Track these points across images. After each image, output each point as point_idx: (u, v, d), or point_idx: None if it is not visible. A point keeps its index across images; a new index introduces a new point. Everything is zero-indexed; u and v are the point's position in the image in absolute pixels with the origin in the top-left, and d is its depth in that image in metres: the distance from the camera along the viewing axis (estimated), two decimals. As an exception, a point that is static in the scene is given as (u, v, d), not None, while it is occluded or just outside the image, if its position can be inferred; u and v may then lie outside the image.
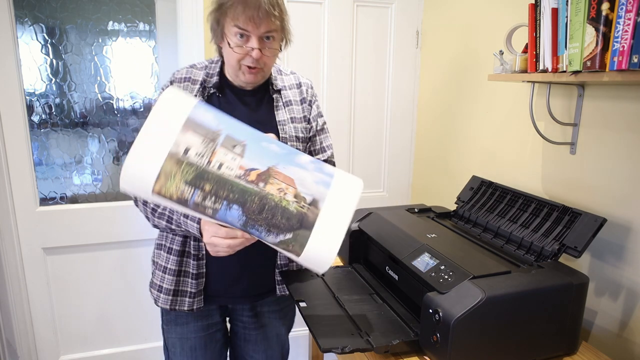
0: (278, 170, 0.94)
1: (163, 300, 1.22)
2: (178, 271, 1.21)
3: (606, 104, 1.22)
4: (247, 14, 1.05)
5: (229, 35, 1.09)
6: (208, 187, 0.90)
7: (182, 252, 1.20)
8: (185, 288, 1.22)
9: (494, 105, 1.66)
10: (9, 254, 1.86)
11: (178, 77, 1.19)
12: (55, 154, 1.90)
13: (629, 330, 1.18)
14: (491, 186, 1.44)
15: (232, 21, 1.07)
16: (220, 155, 0.92)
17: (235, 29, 1.07)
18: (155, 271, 1.25)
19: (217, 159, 0.92)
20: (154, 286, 1.25)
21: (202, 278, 1.22)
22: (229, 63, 1.15)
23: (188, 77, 1.19)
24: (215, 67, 1.20)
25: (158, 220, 1.12)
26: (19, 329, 1.93)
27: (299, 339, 2.23)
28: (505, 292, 0.97)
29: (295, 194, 0.94)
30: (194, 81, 1.18)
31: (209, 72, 1.20)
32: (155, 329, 2.12)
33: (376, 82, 2.13)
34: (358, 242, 1.47)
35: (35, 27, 1.78)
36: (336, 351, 1.00)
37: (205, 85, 1.19)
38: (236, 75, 1.16)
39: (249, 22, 1.06)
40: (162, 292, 1.22)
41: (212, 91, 1.19)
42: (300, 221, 0.93)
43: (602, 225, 1.09)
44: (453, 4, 1.87)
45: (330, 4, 1.97)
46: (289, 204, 0.93)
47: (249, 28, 1.07)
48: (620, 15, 0.93)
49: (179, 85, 1.17)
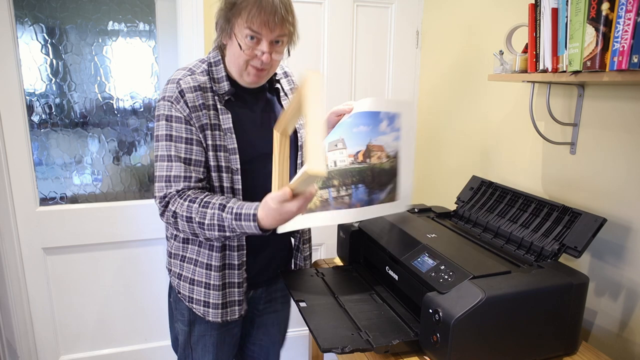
0: (372, 144, 1.19)
1: (213, 315, 1.22)
2: (222, 285, 1.21)
3: (606, 104, 1.22)
4: (262, 18, 1.04)
5: (240, 36, 1.07)
6: (336, 182, 1.14)
7: (223, 266, 1.20)
8: (233, 298, 1.23)
9: (494, 105, 1.66)
10: (9, 254, 1.86)
11: (186, 87, 1.11)
12: (55, 154, 1.90)
13: (629, 330, 1.18)
14: (491, 186, 1.44)
15: (246, 23, 1.05)
16: (331, 156, 1.15)
17: (247, 30, 1.06)
18: (193, 287, 1.22)
19: (330, 159, 1.15)
20: (197, 302, 1.22)
21: (245, 283, 1.24)
22: (234, 62, 1.13)
23: (197, 85, 1.13)
24: (219, 70, 1.16)
25: (210, 232, 1.06)
26: (19, 329, 1.93)
27: (299, 339, 2.23)
28: (505, 292, 0.97)
29: (387, 155, 1.21)
30: (205, 89, 1.14)
31: (213, 76, 1.16)
32: (155, 329, 2.12)
33: (376, 82, 2.12)
34: (358, 242, 1.47)
35: (35, 27, 1.78)
36: (336, 351, 1.00)
37: (218, 92, 1.15)
38: (240, 75, 1.15)
39: (264, 26, 1.05)
40: (211, 307, 1.21)
41: (227, 97, 1.16)
42: (393, 172, 1.22)
43: (602, 225, 1.09)
44: (453, 4, 1.87)
45: (330, 4, 1.97)
46: (385, 164, 1.20)
47: (263, 32, 1.06)
48: (620, 15, 0.93)
49: (192, 95, 1.11)
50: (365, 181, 1.17)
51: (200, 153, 1.12)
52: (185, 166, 1.10)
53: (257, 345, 1.44)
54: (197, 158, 1.12)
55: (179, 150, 1.10)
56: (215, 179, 1.15)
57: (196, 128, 1.11)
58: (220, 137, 1.14)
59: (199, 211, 1.05)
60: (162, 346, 2.14)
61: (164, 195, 1.10)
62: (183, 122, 1.10)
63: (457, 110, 1.89)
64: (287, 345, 1.57)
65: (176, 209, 1.08)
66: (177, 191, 1.09)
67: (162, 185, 1.10)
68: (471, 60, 1.77)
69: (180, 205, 1.07)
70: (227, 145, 1.15)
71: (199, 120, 1.12)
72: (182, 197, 1.08)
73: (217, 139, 1.14)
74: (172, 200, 1.09)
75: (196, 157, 1.12)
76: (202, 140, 1.12)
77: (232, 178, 1.16)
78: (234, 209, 1.02)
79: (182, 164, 1.10)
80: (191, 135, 1.11)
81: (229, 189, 1.16)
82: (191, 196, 1.08)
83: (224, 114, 1.15)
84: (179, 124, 1.10)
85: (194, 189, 1.11)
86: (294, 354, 2.23)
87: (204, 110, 1.12)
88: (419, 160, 2.22)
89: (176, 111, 1.10)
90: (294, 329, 2.21)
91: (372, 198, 1.18)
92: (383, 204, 1.21)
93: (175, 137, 1.10)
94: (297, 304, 1.21)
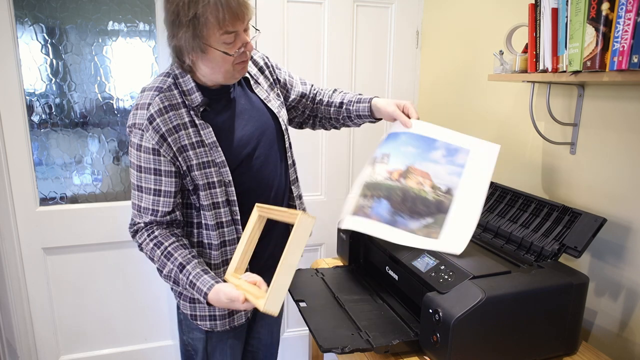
0: (415, 167, 1.15)
1: (221, 325, 1.21)
2: None
3: (606, 104, 1.22)
4: (232, 14, 0.98)
5: (216, 44, 1.02)
6: (369, 193, 1.16)
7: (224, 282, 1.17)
8: None
9: (494, 105, 1.66)
10: (9, 254, 1.86)
11: (156, 111, 1.06)
12: (55, 154, 1.90)
13: (629, 330, 1.18)
14: (491, 186, 1.44)
15: (219, 29, 0.99)
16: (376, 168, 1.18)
17: (225, 36, 1.00)
18: (194, 305, 1.20)
19: (375, 172, 1.18)
20: (203, 318, 1.20)
21: None
22: (220, 70, 1.07)
23: (167, 105, 1.07)
24: (187, 81, 1.10)
25: (166, 280, 1.12)
26: (19, 329, 1.93)
27: (299, 339, 2.23)
28: (505, 292, 0.97)
29: (432, 185, 1.14)
30: (175, 106, 1.08)
31: (182, 89, 1.10)
32: (155, 329, 2.12)
33: (376, 82, 2.12)
34: (358, 242, 1.47)
35: (35, 27, 1.78)
36: (336, 351, 1.00)
37: (191, 105, 1.09)
38: (231, 77, 1.10)
39: (237, 20, 1.00)
40: (218, 320, 1.20)
41: (202, 109, 1.11)
42: (438, 207, 1.12)
43: (602, 225, 1.09)
44: (453, 4, 1.87)
45: (330, 4, 1.97)
46: (427, 193, 1.13)
47: (237, 26, 1.01)
48: (620, 15, 0.93)
49: (164, 118, 1.06)
50: (392, 199, 1.14)
51: (170, 183, 1.09)
52: (154, 197, 1.09)
53: (256, 339, 1.44)
54: (166, 189, 1.09)
55: (148, 181, 1.09)
56: (205, 197, 1.11)
57: (168, 156, 1.07)
58: (206, 153, 1.10)
59: (160, 259, 1.09)
60: (162, 346, 2.13)
61: (133, 222, 1.14)
62: (151, 152, 1.07)
63: (457, 110, 1.89)
64: (287, 345, 1.57)
65: (142, 243, 1.12)
66: (145, 224, 1.12)
67: (135, 213, 1.13)
68: (471, 60, 1.77)
69: (146, 244, 1.11)
70: (215, 159, 1.11)
71: (176, 143, 1.07)
72: (149, 232, 1.11)
73: (203, 156, 1.10)
74: (139, 232, 1.13)
75: (165, 188, 1.09)
76: (180, 165, 1.09)
77: (226, 191, 1.13)
78: (191, 275, 1.06)
79: (151, 195, 1.09)
80: (159, 166, 1.08)
81: (225, 202, 1.13)
82: (157, 238, 1.10)
83: (204, 128, 1.10)
84: (147, 155, 1.07)
85: (160, 224, 1.12)
86: (294, 354, 2.23)
87: (182, 130, 1.08)
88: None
89: (145, 140, 1.06)
90: (294, 329, 2.22)
91: (395, 220, 1.12)
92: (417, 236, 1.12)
93: (144, 169, 1.08)
94: (297, 304, 1.21)
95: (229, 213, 1.15)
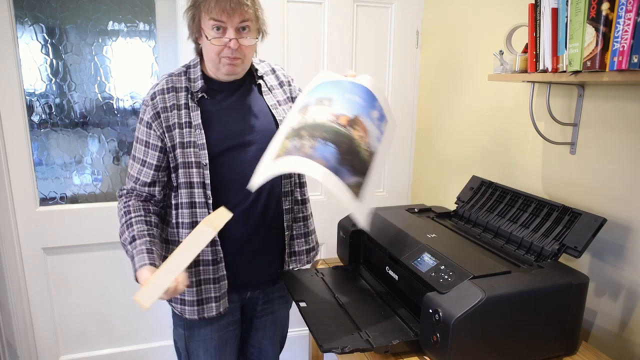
0: (361, 120, 1.06)
1: (190, 312, 1.22)
2: (197, 281, 1.21)
3: (606, 104, 1.22)
4: (220, 6, 1.09)
5: (206, 29, 1.13)
6: (304, 133, 1.01)
7: (196, 263, 1.20)
8: (209, 295, 1.22)
9: (494, 105, 1.66)
10: (9, 254, 1.86)
11: (159, 90, 1.19)
12: (55, 154, 1.90)
13: (629, 330, 1.18)
14: (491, 186, 1.44)
15: (207, 15, 1.11)
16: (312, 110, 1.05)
17: (211, 22, 1.11)
18: None
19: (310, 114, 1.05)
20: (176, 300, 1.24)
21: (224, 281, 1.23)
22: (208, 58, 1.18)
23: (170, 86, 1.19)
24: (196, 70, 1.22)
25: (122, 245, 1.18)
26: (19, 329, 1.93)
27: (299, 339, 2.23)
28: (505, 292, 0.97)
29: (367, 143, 1.05)
30: (178, 89, 1.20)
31: (190, 77, 1.21)
32: (155, 329, 2.12)
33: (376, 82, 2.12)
34: (358, 242, 1.47)
35: (35, 27, 1.78)
36: (336, 351, 1.00)
37: (192, 90, 1.20)
38: (217, 69, 1.19)
39: (223, 13, 1.09)
40: (187, 305, 1.22)
41: (200, 95, 1.20)
42: (366, 168, 1.04)
43: (602, 225, 1.09)
44: (453, 4, 1.87)
45: (330, 4, 1.97)
46: (364, 151, 1.04)
47: (224, 19, 1.10)
48: (620, 15, 0.93)
49: (164, 97, 1.18)
50: (339, 146, 1.00)
51: (153, 157, 1.19)
52: (139, 167, 1.20)
53: (256, 347, 1.44)
54: (150, 161, 1.19)
55: (139, 152, 1.20)
56: (183, 176, 1.18)
57: (157, 131, 1.17)
58: (190, 134, 1.18)
59: (122, 226, 1.18)
60: (162, 346, 2.14)
61: (121, 188, 1.25)
62: (145, 125, 1.19)
63: (457, 110, 1.89)
64: (287, 345, 1.57)
65: (119, 207, 1.21)
66: (127, 191, 1.22)
67: (126, 180, 1.24)
68: (471, 60, 1.77)
69: (119, 209, 1.20)
70: (197, 141, 1.18)
71: (166, 121, 1.17)
72: (126, 200, 1.20)
73: (187, 136, 1.17)
74: (123, 197, 1.22)
75: (150, 160, 1.19)
76: (166, 142, 1.18)
77: (202, 173, 1.18)
78: (135, 249, 1.11)
79: (138, 165, 1.20)
80: (149, 139, 1.19)
81: (200, 184, 1.19)
82: (129, 207, 1.18)
83: (194, 110, 1.19)
84: (143, 127, 1.19)
85: (138, 195, 1.21)
86: (294, 354, 2.23)
87: (175, 110, 1.18)
88: (418, 160, 2.22)
89: (145, 115, 1.19)
90: (294, 329, 2.21)
91: (338, 169, 0.98)
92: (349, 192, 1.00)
93: (139, 140, 1.20)
94: (297, 304, 1.21)
95: (202, 195, 1.19)
